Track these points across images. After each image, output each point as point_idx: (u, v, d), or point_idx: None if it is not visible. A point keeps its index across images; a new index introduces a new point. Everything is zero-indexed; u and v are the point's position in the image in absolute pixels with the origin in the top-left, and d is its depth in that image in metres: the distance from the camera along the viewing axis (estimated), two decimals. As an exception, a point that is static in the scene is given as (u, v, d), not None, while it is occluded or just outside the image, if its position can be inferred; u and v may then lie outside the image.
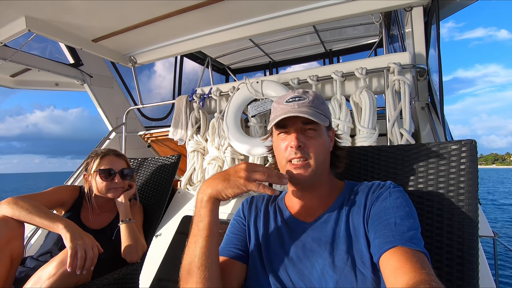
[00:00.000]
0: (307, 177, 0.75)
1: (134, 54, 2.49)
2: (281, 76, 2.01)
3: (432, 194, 0.81)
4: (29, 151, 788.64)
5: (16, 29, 1.72)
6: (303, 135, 0.76)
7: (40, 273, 0.93)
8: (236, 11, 1.88)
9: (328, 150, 0.81)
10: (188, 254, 0.70)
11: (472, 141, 0.80)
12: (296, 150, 0.74)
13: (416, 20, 1.70)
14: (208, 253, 0.68)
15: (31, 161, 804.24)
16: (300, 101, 0.77)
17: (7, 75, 2.76)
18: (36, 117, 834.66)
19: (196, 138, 2.17)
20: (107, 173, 1.32)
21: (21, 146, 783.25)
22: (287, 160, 0.76)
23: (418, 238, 0.63)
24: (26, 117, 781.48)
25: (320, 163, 0.77)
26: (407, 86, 1.52)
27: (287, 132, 0.78)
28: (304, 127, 0.76)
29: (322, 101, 0.81)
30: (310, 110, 0.75)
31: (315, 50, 4.23)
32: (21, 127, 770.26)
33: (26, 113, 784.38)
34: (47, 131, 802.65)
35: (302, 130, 0.76)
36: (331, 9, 1.78)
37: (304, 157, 0.75)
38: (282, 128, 0.78)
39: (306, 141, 0.76)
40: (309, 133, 0.76)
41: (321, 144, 0.77)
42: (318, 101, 0.79)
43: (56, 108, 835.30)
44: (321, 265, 0.68)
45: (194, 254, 0.69)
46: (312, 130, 0.76)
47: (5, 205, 1.06)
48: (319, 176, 0.78)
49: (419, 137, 1.69)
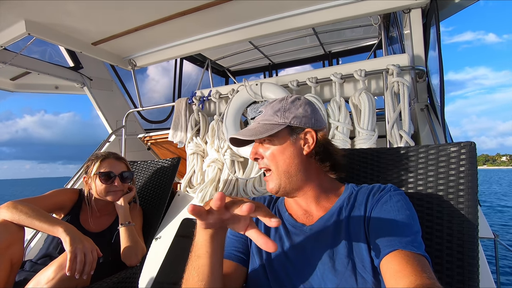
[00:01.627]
0: (272, 188, 0.79)
1: (134, 57, 2.50)
2: (280, 78, 2.01)
3: (432, 197, 0.81)
4: (19, 156, 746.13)
5: (16, 32, 1.72)
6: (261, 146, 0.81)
7: (39, 277, 0.93)
8: (236, 13, 1.89)
9: (296, 155, 0.78)
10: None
11: (472, 143, 0.80)
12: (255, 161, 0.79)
13: (415, 22, 1.71)
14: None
15: (22, 167, 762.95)
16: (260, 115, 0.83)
17: (7, 79, 2.77)
18: (25, 122, 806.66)
19: (195, 140, 2.18)
20: (107, 176, 1.31)
21: (11, 152, 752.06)
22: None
23: (419, 242, 0.63)
24: (15, 122, 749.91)
25: (283, 170, 0.77)
26: (406, 87, 1.52)
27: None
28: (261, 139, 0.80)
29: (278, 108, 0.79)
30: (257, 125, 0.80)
31: (315, 52, 4.24)
32: (11, 132, 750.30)
33: (15, 118, 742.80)
34: (37, 136, 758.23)
35: (261, 141, 0.81)
36: (331, 11, 1.79)
37: (266, 168, 0.79)
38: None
39: (263, 152, 0.80)
40: (265, 144, 0.80)
41: (279, 152, 0.78)
42: (272, 110, 0.80)
43: (47, 112, 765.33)
44: (321, 269, 0.68)
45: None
46: (267, 141, 0.80)
47: (5, 209, 1.06)
48: (292, 182, 0.77)
49: (418, 139, 1.69)
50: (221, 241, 0.66)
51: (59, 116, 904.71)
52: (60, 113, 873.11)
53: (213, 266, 0.64)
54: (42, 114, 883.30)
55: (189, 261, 0.66)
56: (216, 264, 0.64)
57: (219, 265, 0.66)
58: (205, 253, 0.63)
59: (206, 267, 0.63)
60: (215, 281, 0.64)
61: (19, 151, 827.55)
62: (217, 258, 0.65)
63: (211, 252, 0.63)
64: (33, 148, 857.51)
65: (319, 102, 1.75)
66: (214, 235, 0.62)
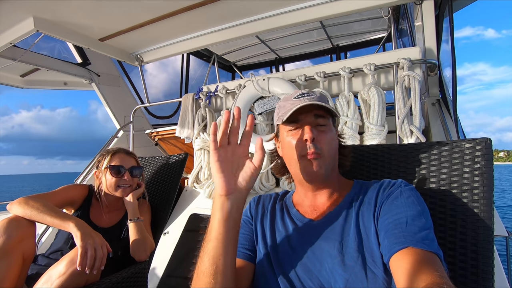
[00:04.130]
0: (321, 172, 0.74)
1: (141, 53, 2.50)
2: (287, 73, 1.99)
3: (445, 194, 0.79)
4: (16, 152, 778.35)
5: (25, 29, 1.74)
6: (315, 129, 0.75)
7: (50, 272, 0.94)
8: (242, 7, 1.86)
9: (337, 146, 0.80)
10: None
11: (488, 139, 0.77)
12: (311, 143, 0.72)
13: (427, 13, 1.66)
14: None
15: (19, 163, 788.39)
16: (310, 96, 0.76)
17: (17, 75, 2.81)
18: (22, 117, 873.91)
19: (202, 136, 2.18)
20: (117, 170, 1.34)
21: (8, 148, 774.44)
22: (301, 155, 0.74)
23: (430, 238, 0.61)
24: (11, 117, 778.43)
25: (333, 158, 0.77)
26: (417, 82, 1.48)
27: (298, 128, 0.76)
28: (316, 121, 0.75)
29: (328, 98, 0.82)
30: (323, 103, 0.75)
31: (322, 45, 4.18)
32: (6, 128, 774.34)
33: (11, 113, 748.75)
34: (34, 131, 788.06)
35: (316, 124, 0.75)
36: (339, 3, 1.75)
37: (317, 152, 0.73)
38: (293, 123, 0.76)
39: (319, 135, 0.74)
40: (321, 128, 0.75)
41: (332, 139, 0.77)
42: (325, 98, 0.80)
43: (43, 107, 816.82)
44: (330, 263, 0.67)
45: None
46: (323, 125, 0.76)
47: (17, 205, 1.08)
48: (332, 171, 0.77)
49: (429, 134, 1.65)
50: (234, 224, 0.67)
51: (55, 111, 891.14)
52: (56, 108, 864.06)
53: (225, 248, 0.64)
54: (38, 109, 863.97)
55: (201, 249, 0.67)
56: (228, 248, 0.65)
57: (232, 249, 0.66)
58: (217, 236, 0.65)
59: (218, 250, 0.64)
60: (226, 265, 0.64)
61: (16, 146, 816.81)
62: (230, 241, 0.66)
63: (224, 233, 0.65)
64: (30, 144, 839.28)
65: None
66: (229, 213, 0.66)
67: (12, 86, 2.87)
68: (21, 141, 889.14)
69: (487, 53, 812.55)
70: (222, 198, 0.67)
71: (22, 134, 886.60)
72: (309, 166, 0.73)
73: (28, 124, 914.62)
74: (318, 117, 0.75)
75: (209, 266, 0.64)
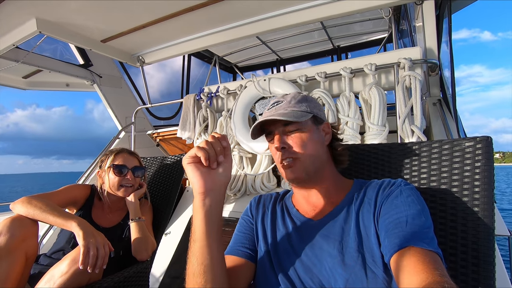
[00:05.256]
0: (299, 175, 0.77)
1: (142, 54, 2.51)
2: (288, 73, 1.99)
3: (446, 193, 0.79)
4: (11, 151, 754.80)
5: (28, 31, 1.75)
6: (286, 136, 0.79)
7: (53, 271, 0.95)
8: (243, 8, 1.87)
9: (321, 144, 0.81)
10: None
11: (488, 138, 0.77)
12: (280, 151, 0.77)
13: (428, 13, 1.66)
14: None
15: (14, 162, 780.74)
16: (278, 105, 0.81)
17: (20, 77, 2.83)
18: (17, 116, 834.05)
19: (204, 136, 2.18)
20: (120, 169, 1.35)
21: (2, 147, 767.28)
22: (279, 162, 0.79)
23: (430, 237, 0.61)
24: (6, 116, 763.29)
25: (310, 159, 0.77)
26: (418, 81, 1.48)
27: (272, 138, 0.81)
28: (286, 129, 0.79)
29: (301, 99, 0.83)
30: (286, 111, 0.78)
31: (323, 46, 4.18)
32: (1, 126, 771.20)
33: (6, 112, 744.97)
34: (29, 130, 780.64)
35: (285, 132, 0.79)
36: (339, 4, 1.76)
37: (290, 157, 0.77)
38: (269, 135, 0.82)
39: (290, 141, 0.78)
40: (293, 133, 0.79)
41: (307, 140, 0.78)
42: (295, 100, 0.81)
43: (39, 106, 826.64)
44: (330, 263, 0.67)
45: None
46: (295, 130, 0.78)
47: (20, 205, 1.09)
48: (315, 171, 0.78)
49: (430, 134, 1.65)
50: (217, 220, 0.67)
51: (51, 110, 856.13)
52: (52, 107, 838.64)
53: (210, 246, 0.64)
54: (34, 108, 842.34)
55: (189, 250, 0.67)
56: (213, 245, 0.65)
57: (217, 246, 0.66)
58: (201, 235, 0.65)
59: (204, 249, 0.64)
60: (214, 263, 0.64)
61: (11, 146, 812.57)
62: (213, 239, 0.65)
63: (207, 232, 0.65)
64: (26, 143, 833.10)
65: (328, 97, 1.72)
66: (208, 211, 0.65)
67: (15, 87, 2.89)
68: (16, 140, 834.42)
69: (483, 55, 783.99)
70: (201, 196, 0.66)
71: (17, 133, 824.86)
72: (286, 172, 0.78)
73: (23, 123, 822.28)
74: (286, 125, 0.78)
75: (197, 266, 0.64)
